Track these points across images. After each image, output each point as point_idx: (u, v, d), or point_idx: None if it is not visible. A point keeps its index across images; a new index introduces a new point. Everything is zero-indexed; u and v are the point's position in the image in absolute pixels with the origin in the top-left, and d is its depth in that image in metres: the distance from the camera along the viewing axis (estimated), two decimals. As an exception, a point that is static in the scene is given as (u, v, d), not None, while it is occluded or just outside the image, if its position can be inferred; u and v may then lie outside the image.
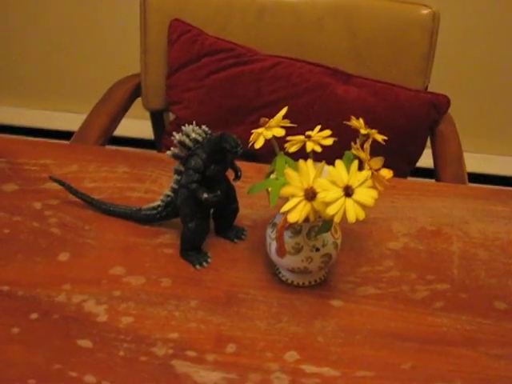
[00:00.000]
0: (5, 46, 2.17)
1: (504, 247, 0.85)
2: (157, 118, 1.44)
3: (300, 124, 0.77)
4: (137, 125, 1.84)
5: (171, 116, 1.40)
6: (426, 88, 1.29)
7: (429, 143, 1.28)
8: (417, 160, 1.29)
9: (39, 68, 2.19)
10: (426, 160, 1.33)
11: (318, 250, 0.74)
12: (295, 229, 0.73)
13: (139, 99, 1.39)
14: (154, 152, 1.04)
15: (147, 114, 1.44)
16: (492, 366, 0.69)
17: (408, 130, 1.22)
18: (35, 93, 2.24)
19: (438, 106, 1.23)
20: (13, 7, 2.08)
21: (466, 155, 1.21)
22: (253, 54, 1.26)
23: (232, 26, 1.28)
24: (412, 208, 0.92)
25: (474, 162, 1.28)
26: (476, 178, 1.22)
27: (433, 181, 1.08)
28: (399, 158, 1.23)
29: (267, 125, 0.73)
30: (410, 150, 1.26)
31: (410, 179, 0.98)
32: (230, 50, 1.25)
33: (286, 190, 0.67)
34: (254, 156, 1.02)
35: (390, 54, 1.26)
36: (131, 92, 1.35)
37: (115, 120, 1.28)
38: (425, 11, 1.23)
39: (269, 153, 0.94)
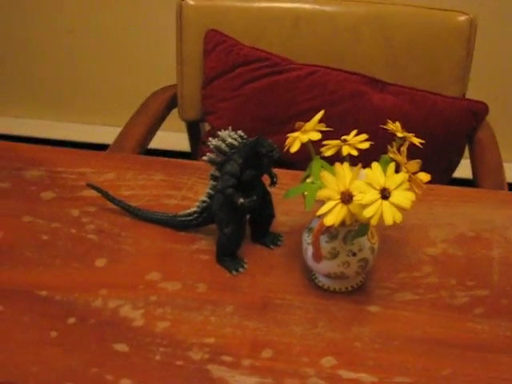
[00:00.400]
0: (47, 62, 2.20)
1: (546, 253, 0.84)
2: (193, 129, 1.45)
3: (335, 132, 0.77)
4: (173, 137, 1.85)
5: (207, 127, 1.41)
6: (464, 95, 1.28)
7: (467, 153, 1.27)
8: (455, 168, 1.27)
9: (76, 82, 2.22)
10: (464, 171, 1.31)
11: (354, 254, 0.73)
12: (331, 233, 0.73)
13: (174, 111, 1.40)
14: (191, 161, 1.04)
15: (183, 127, 1.45)
16: (534, 373, 0.68)
17: (446, 138, 1.21)
18: (73, 106, 2.27)
19: (476, 112, 1.21)
20: (47, 21, 2.12)
21: (504, 165, 1.19)
22: (288, 63, 1.26)
23: (268, 37, 1.29)
24: (451, 214, 0.90)
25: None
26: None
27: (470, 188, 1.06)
28: (437, 166, 1.21)
29: (303, 129, 0.73)
30: (448, 158, 1.24)
31: (448, 186, 0.97)
32: (265, 59, 1.26)
33: (322, 193, 0.67)
34: (288, 163, 1.02)
35: (426, 61, 1.25)
36: (167, 103, 1.37)
37: (151, 131, 1.29)
38: (461, 18, 1.22)
39: (303, 160, 0.94)
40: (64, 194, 0.94)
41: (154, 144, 1.34)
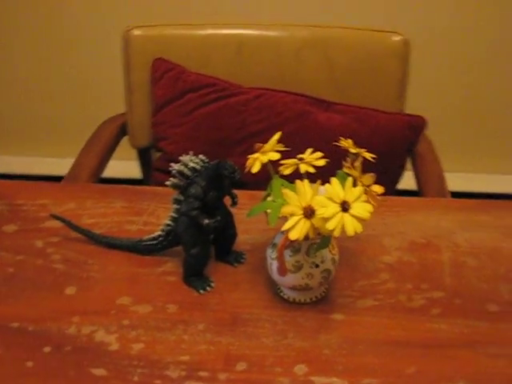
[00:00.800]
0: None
1: (491, 254, 0.90)
2: (144, 156, 1.47)
3: (286, 151, 0.81)
4: (124, 166, 1.87)
5: (157, 155, 1.44)
6: (402, 110, 1.34)
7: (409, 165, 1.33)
8: (398, 180, 1.33)
9: (26, 115, 2.21)
10: (408, 182, 1.37)
11: (317, 266, 0.77)
12: (295, 247, 0.77)
13: (124, 140, 1.42)
14: (149, 187, 1.07)
15: (133, 155, 1.47)
16: (491, 364, 0.73)
17: (388, 152, 1.27)
18: (22, 140, 2.26)
19: (415, 126, 1.28)
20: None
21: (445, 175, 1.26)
22: (235, 88, 1.30)
23: (213, 63, 1.33)
24: (401, 223, 0.96)
25: (453, 181, 1.33)
26: (456, 196, 1.27)
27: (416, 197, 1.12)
28: (382, 179, 1.26)
29: (262, 150, 0.76)
30: (392, 171, 1.30)
31: (396, 197, 1.02)
32: (213, 84, 1.30)
33: (285, 210, 0.70)
34: (241, 184, 1.06)
35: (366, 81, 1.31)
36: (117, 131, 1.39)
37: (104, 160, 1.31)
38: (396, 38, 1.29)
39: (258, 180, 0.98)
40: (26, 226, 0.95)
41: (106, 173, 1.35)
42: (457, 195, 1.19)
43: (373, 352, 0.74)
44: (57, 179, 1.24)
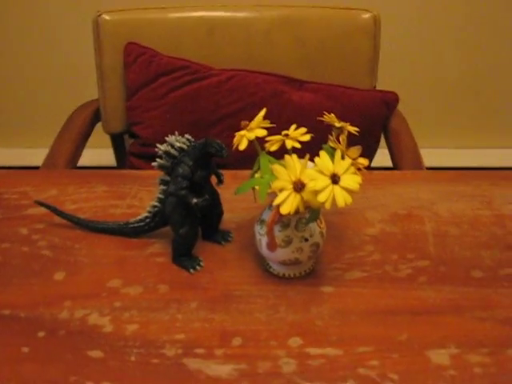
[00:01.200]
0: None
1: (472, 222, 0.92)
2: (117, 143, 1.47)
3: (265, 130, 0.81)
4: (98, 153, 1.86)
5: (130, 140, 1.43)
6: (375, 87, 1.36)
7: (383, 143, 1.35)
8: (373, 155, 1.35)
9: (1, 105, 2.17)
10: (382, 159, 1.39)
11: (306, 240, 0.78)
12: (284, 222, 0.78)
13: (98, 128, 1.41)
14: (129, 170, 1.07)
15: (107, 143, 1.47)
16: (479, 327, 0.75)
17: (363, 128, 1.27)
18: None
19: (388, 102, 1.30)
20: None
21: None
22: (208, 70, 1.31)
23: (185, 46, 1.33)
24: (382, 196, 0.98)
25: (427, 157, 1.35)
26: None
27: (395, 171, 1.14)
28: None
29: (248, 127, 0.77)
30: (367, 147, 1.32)
31: (376, 171, 1.04)
32: (186, 67, 1.30)
33: (276, 184, 0.71)
34: (224, 164, 1.06)
35: (338, 59, 1.33)
36: (91, 118, 1.38)
37: (79, 146, 1.30)
38: (366, 15, 1.30)
39: (238, 160, 0.99)
40: (9, 214, 0.95)
41: (81, 162, 1.34)
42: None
43: (364, 321, 0.76)
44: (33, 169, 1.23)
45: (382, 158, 1.37)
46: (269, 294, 0.80)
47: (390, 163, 1.28)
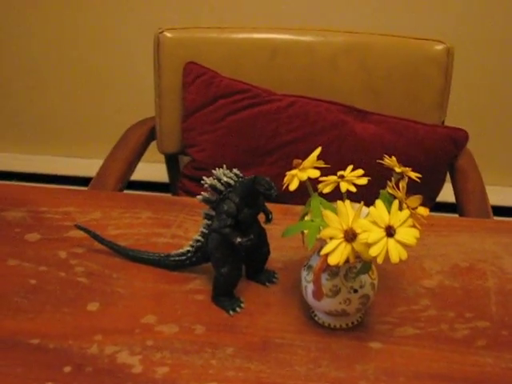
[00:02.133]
0: (23, 94, 2.17)
1: (540, 281, 0.84)
2: (172, 162, 1.44)
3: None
4: (152, 168, 1.84)
5: (185, 159, 1.40)
6: (443, 123, 1.29)
7: (448, 178, 1.28)
8: (437, 195, 1.28)
9: (56, 115, 2.19)
10: (444, 193, 1.32)
11: (356, 291, 0.73)
12: (332, 271, 0.72)
13: (154, 143, 1.39)
14: (176, 197, 1.03)
15: (162, 158, 1.44)
16: (542, 405, 0.68)
17: (428, 166, 1.22)
18: (53, 139, 2.23)
19: (457, 140, 1.23)
20: (25, 54, 2.09)
21: (486, 188, 1.20)
22: (268, 94, 1.26)
23: (246, 68, 1.29)
24: (443, 244, 0.91)
25: (495, 195, 1.27)
26: (499, 211, 1.21)
27: (459, 216, 1.07)
28: (420, 194, 1.22)
29: (301, 166, 0.72)
30: (431, 186, 1.25)
31: (438, 214, 0.97)
32: (246, 90, 1.26)
33: (325, 233, 0.66)
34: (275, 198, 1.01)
35: (405, 90, 1.26)
36: (146, 136, 1.36)
37: (132, 164, 1.28)
38: (439, 47, 1.24)
39: (292, 194, 0.94)
40: (50, 235, 0.92)
41: (134, 175, 1.32)
42: (499, 210, 1.14)
43: (413, 386, 0.70)
44: (85, 180, 1.21)
45: (447, 192, 1.29)
46: (311, 346, 0.74)
47: (453, 198, 1.21)
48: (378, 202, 0.65)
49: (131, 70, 2.04)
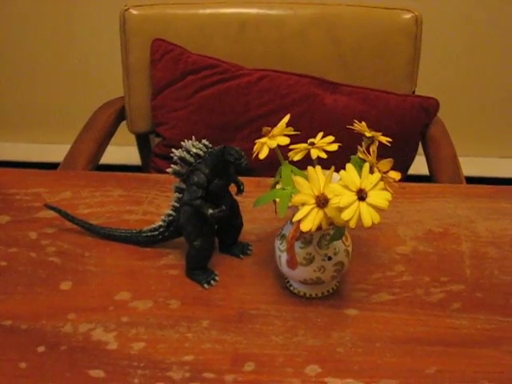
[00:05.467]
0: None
1: (513, 243, 0.85)
2: (143, 142, 1.42)
3: (292, 136, 0.75)
4: (123, 151, 1.82)
5: (156, 140, 1.38)
6: (414, 92, 1.29)
7: (420, 150, 1.28)
8: (410, 165, 1.28)
9: (22, 100, 2.15)
10: (418, 167, 1.32)
11: (330, 258, 0.72)
12: (306, 239, 0.72)
13: (123, 125, 1.37)
14: (147, 174, 1.02)
15: (132, 140, 1.42)
16: (518, 363, 0.68)
17: (400, 135, 1.21)
18: (18, 126, 2.20)
19: (428, 108, 1.22)
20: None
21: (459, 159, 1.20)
22: (238, 69, 1.25)
23: (215, 43, 1.27)
24: (416, 211, 0.91)
25: (467, 165, 1.27)
26: (470, 181, 1.21)
27: (432, 184, 1.07)
28: (393, 164, 1.22)
29: (270, 134, 0.71)
30: (404, 155, 1.25)
31: (410, 183, 0.97)
32: (215, 66, 1.24)
33: (296, 199, 0.65)
34: (247, 171, 1.00)
35: (375, 60, 1.26)
36: (116, 116, 1.33)
37: (102, 145, 1.26)
38: (407, 16, 1.23)
39: (263, 166, 0.93)
40: (20, 216, 0.90)
41: (104, 159, 1.30)
42: (471, 180, 1.14)
43: (390, 350, 0.69)
44: (54, 166, 1.19)
45: (419, 165, 1.29)
46: (287, 315, 0.74)
47: (427, 171, 1.21)
48: (349, 166, 0.65)
49: (97, 50, 2.01)
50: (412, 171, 1.32)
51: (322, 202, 0.64)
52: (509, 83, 2.02)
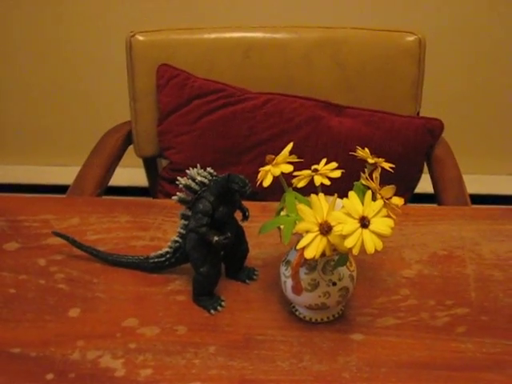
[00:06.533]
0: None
1: (518, 266, 0.85)
2: (150, 165, 1.43)
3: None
4: (130, 173, 1.83)
5: (164, 162, 1.40)
6: (418, 114, 1.29)
7: (426, 169, 1.28)
8: (415, 186, 1.29)
9: (32, 124, 2.17)
10: (423, 185, 1.32)
11: (334, 284, 0.73)
12: (310, 265, 0.72)
13: (131, 147, 1.38)
14: (154, 199, 1.03)
15: (140, 162, 1.43)
16: (523, 388, 0.68)
17: (405, 157, 1.22)
18: (27, 149, 2.21)
19: (432, 130, 1.23)
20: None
21: (464, 177, 1.21)
22: (243, 93, 1.26)
23: (220, 68, 1.29)
24: (421, 234, 0.91)
25: (473, 184, 1.28)
26: (476, 199, 1.21)
27: (437, 206, 1.07)
28: (398, 185, 1.22)
29: (274, 162, 0.72)
30: (408, 177, 1.25)
31: (415, 205, 0.98)
32: (220, 90, 1.26)
33: (300, 227, 0.66)
34: (252, 195, 1.01)
35: (379, 82, 1.27)
36: (123, 140, 1.35)
37: (109, 170, 1.27)
38: (410, 38, 1.24)
39: (269, 190, 0.94)
40: (28, 243, 0.91)
41: (112, 181, 1.31)
42: (477, 198, 1.14)
43: (396, 375, 0.70)
44: (62, 188, 1.20)
45: (425, 184, 1.30)
46: (293, 341, 0.75)
47: (432, 189, 1.21)
48: (351, 194, 0.65)
49: (105, 75, 2.03)
50: (418, 190, 1.33)
51: (325, 229, 0.65)
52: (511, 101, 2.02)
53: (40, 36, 2.00)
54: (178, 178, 0.76)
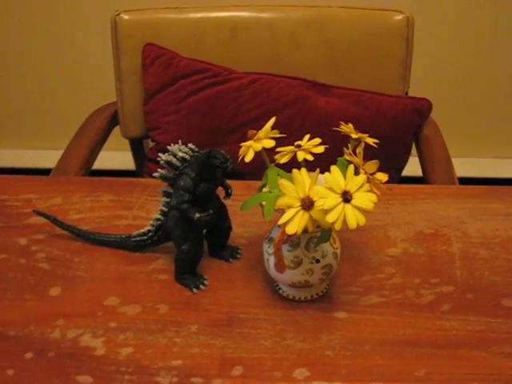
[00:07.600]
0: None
1: (504, 244, 0.84)
2: (136, 146, 1.42)
3: (283, 138, 0.75)
4: (116, 156, 1.81)
5: (150, 144, 1.38)
6: (407, 94, 1.28)
7: (414, 151, 1.27)
8: (403, 166, 1.28)
9: (13, 107, 2.15)
10: (412, 168, 1.32)
11: (318, 261, 0.72)
12: (293, 242, 0.71)
13: (117, 129, 1.37)
14: (138, 178, 1.02)
15: (126, 145, 1.42)
16: (507, 365, 0.67)
17: (393, 137, 1.21)
18: (10, 132, 2.20)
19: (421, 109, 1.22)
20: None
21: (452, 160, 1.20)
22: (229, 73, 1.25)
23: (206, 47, 1.27)
24: (407, 212, 0.90)
25: (461, 166, 1.27)
26: (464, 181, 1.21)
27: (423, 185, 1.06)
28: (386, 165, 1.21)
29: (256, 137, 0.71)
30: (397, 157, 1.25)
31: (403, 185, 0.97)
32: (206, 70, 1.24)
33: (282, 202, 0.65)
34: (238, 173, 1.00)
35: (367, 62, 1.26)
36: (108, 121, 1.33)
37: (94, 151, 1.25)
38: (398, 17, 1.23)
39: (255, 170, 0.93)
40: (10, 222, 0.90)
41: (98, 164, 1.30)
42: (465, 181, 1.14)
43: (379, 353, 0.69)
44: (47, 172, 1.19)
45: (414, 166, 1.29)
46: (276, 319, 0.74)
47: (421, 173, 1.21)
48: (334, 168, 0.64)
49: (89, 55, 2.00)
50: (407, 173, 1.32)
51: (307, 204, 0.64)
52: (502, 83, 2.01)
53: (24, 17, 1.98)
54: (160, 154, 0.75)
